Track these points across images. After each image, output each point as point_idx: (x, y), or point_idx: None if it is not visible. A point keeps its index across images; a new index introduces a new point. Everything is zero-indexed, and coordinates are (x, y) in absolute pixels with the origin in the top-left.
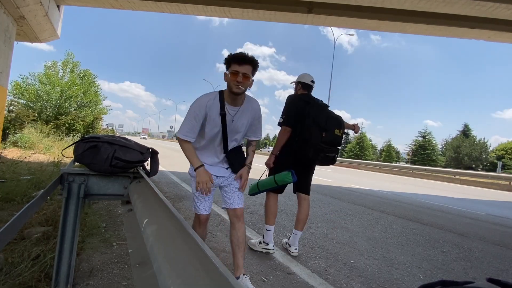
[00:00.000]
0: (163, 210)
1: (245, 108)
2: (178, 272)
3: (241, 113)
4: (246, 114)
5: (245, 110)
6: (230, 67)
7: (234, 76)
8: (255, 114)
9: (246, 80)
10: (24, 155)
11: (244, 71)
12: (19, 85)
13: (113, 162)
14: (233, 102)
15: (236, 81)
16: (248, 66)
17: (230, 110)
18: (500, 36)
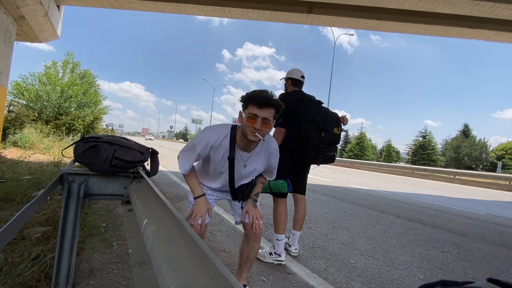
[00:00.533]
0: (163, 210)
1: (258, 153)
2: (178, 272)
3: (254, 157)
4: (260, 158)
5: (258, 155)
6: (247, 108)
7: (251, 121)
8: (271, 158)
9: (267, 127)
10: (24, 155)
11: (264, 115)
12: (19, 85)
13: (113, 162)
14: (246, 147)
15: (254, 128)
16: (271, 109)
17: (241, 156)
18: (500, 36)
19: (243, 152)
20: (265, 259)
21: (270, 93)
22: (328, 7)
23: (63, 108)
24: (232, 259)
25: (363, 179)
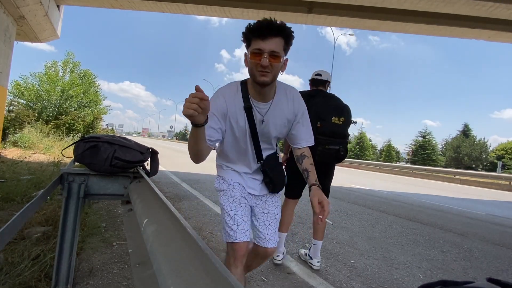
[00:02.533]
0: (163, 210)
1: (279, 101)
2: (178, 272)
3: (273, 109)
4: (281, 109)
5: (279, 105)
6: (250, 45)
7: (256, 58)
8: (295, 108)
9: (275, 61)
10: (24, 155)
11: (271, 47)
12: (19, 85)
13: (113, 162)
14: (260, 96)
15: (261, 66)
16: (278, 39)
17: (258, 108)
18: (500, 36)
19: (260, 103)
20: None
21: (274, 19)
22: (328, 7)
23: (63, 108)
24: None
25: (363, 179)
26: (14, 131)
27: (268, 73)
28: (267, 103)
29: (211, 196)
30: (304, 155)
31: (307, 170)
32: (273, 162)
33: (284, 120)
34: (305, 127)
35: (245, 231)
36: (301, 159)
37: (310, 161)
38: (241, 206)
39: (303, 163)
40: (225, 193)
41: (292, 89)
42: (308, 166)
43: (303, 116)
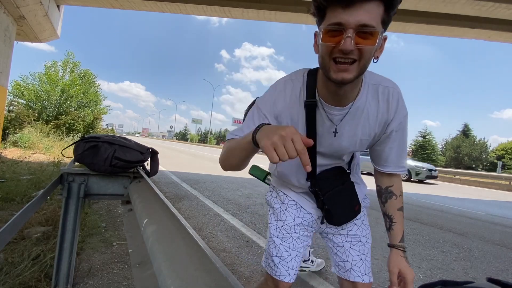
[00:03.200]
0: (163, 210)
1: (364, 105)
2: (178, 272)
3: (353, 117)
4: (366, 118)
5: (364, 111)
6: (324, 18)
7: (333, 38)
8: (389, 115)
9: (367, 42)
10: (24, 155)
11: (359, 19)
12: (19, 84)
13: (113, 162)
14: (335, 98)
15: (339, 51)
16: (372, 3)
17: (330, 114)
18: (500, 36)
19: (333, 108)
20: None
21: None
22: None
23: (63, 108)
24: (232, 259)
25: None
26: (14, 131)
27: (352, 66)
28: (344, 107)
29: (211, 196)
30: (391, 191)
31: (391, 218)
32: (333, 180)
33: (369, 134)
34: (397, 145)
35: (289, 270)
36: (385, 195)
37: (399, 203)
38: (291, 237)
39: (387, 203)
40: (274, 212)
41: (389, 85)
42: (394, 212)
43: (398, 129)
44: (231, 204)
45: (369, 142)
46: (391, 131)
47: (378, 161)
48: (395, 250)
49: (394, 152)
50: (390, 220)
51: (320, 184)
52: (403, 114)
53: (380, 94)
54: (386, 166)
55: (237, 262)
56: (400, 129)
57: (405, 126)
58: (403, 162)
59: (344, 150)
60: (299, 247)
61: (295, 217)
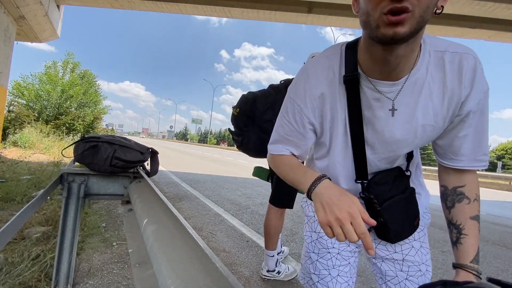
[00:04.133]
0: (163, 210)
1: (425, 77)
2: (178, 272)
3: (410, 93)
4: (429, 95)
5: (425, 84)
6: None
7: None
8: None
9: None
10: (24, 155)
11: None
12: (19, 84)
13: (113, 162)
14: (384, 68)
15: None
16: None
17: (380, 90)
18: (500, 36)
19: (380, 83)
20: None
21: None
22: (328, 7)
23: (63, 108)
24: (232, 259)
25: None
26: (14, 131)
27: (406, 15)
28: (396, 82)
29: (211, 196)
30: (461, 192)
31: (460, 228)
32: (392, 186)
33: (434, 119)
34: (473, 130)
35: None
36: (452, 198)
37: (473, 210)
38: (329, 252)
39: (455, 208)
40: (309, 222)
41: (460, 50)
42: (465, 221)
43: (477, 109)
44: (231, 204)
45: (436, 131)
46: (467, 112)
47: (445, 153)
48: (463, 273)
49: (470, 140)
50: (459, 231)
51: (375, 190)
52: (482, 89)
53: (448, 63)
54: (458, 160)
55: (237, 262)
56: (479, 110)
57: (486, 106)
58: (483, 154)
59: (399, 143)
60: (340, 265)
61: None
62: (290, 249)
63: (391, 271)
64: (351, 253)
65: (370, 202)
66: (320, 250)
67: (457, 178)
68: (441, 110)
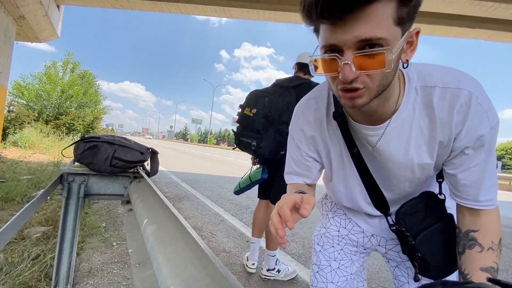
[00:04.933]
0: (163, 210)
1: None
2: (178, 272)
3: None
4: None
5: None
6: (318, 32)
7: (329, 66)
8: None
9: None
10: (24, 155)
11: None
12: (19, 84)
13: (113, 162)
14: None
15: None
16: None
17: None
18: (500, 36)
19: (364, 127)
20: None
21: None
22: None
23: (63, 108)
24: (232, 259)
25: None
26: (14, 131)
27: (361, 91)
28: (379, 126)
29: (211, 196)
30: (472, 237)
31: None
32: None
33: (430, 156)
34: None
35: (327, 283)
36: (463, 243)
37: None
38: (333, 247)
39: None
40: (321, 219)
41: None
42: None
43: (477, 146)
44: (231, 204)
45: (436, 167)
46: (464, 148)
47: (453, 188)
48: None
49: (472, 177)
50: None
51: (406, 221)
52: (482, 124)
53: (438, 100)
54: (462, 198)
55: (237, 262)
56: (480, 147)
57: (489, 143)
58: (486, 195)
59: (399, 179)
60: (342, 259)
61: (341, 227)
62: (290, 249)
63: (403, 277)
64: (356, 253)
65: (403, 235)
66: (325, 243)
67: (471, 220)
68: (433, 148)
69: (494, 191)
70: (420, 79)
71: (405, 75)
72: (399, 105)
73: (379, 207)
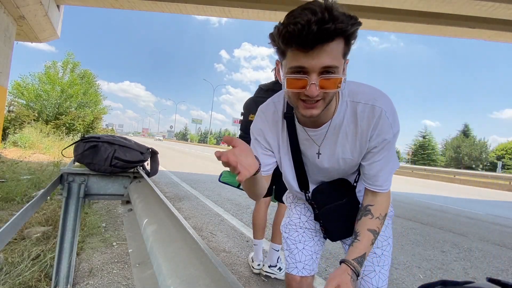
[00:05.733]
0: (163, 210)
1: (342, 124)
2: (178, 272)
3: (331, 135)
4: (344, 138)
5: (342, 130)
6: (285, 56)
7: (297, 84)
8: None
9: (331, 85)
10: (24, 155)
11: (322, 63)
12: (19, 85)
13: (113, 162)
14: (310, 122)
15: (305, 96)
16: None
17: (310, 134)
18: (500, 36)
19: (309, 130)
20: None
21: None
22: None
23: (63, 108)
24: (232, 259)
25: None
26: (14, 131)
27: (318, 103)
28: (320, 128)
29: (211, 196)
30: (369, 209)
31: (357, 234)
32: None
33: (351, 153)
34: (379, 160)
35: (296, 263)
36: (362, 213)
37: (373, 225)
38: (297, 231)
39: (360, 220)
40: (286, 211)
41: (370, 102)
42: (363, 231)
43: (382, 147)
44: (231, 204)
45: (354, 161)
46: (373, 147)
47: (363, 175)
48: (344, 266)
49: (376, 168)
50: (355, 236)
51: (316, 198)
52: (387, 131)
53: (360, 113)
54: (367, 183)
55: (237, 262)
56: (384, 148)
57: (389, 145)
58: (383, 182)
59: (327, 170)
60: (305, 240)
61: (301, 214)
62: None
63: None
64: (316, 232)
65: (313, 207)
66: (290, 230)
67: (371, 198)
68: (354, 147)
69: (388, 180)
70: (350, 95)
71: (339, 92)
72: (334, 114)
73: (301, 186)
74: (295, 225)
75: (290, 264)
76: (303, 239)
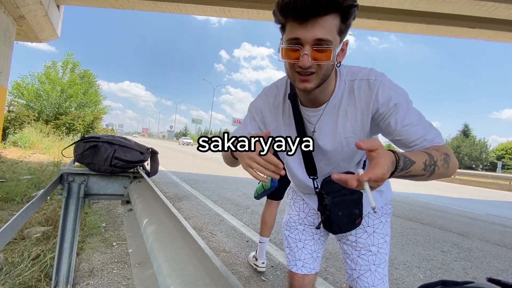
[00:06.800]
0: (163, 210)
1: (340, 103)
2: (178, 272)
3: (328, 117)
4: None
5: (340, 109)
6: (285, 30)
7: (291, 54)
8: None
9: (323, 57)
10: (24, 155)
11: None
12: (19, 85)
13: (113, 162)
14: (309, 100)
15: (299, 67)
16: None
17: (308, 115)
18: (500, 36)
19: (308, 109)
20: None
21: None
22: None
23: (63, 108)
24: (232, 259)
25: None
26: (14, 131)
27: (312, 76)
28: (318, 108)
29: (211, 196)
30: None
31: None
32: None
33: (353, 131)
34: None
35: (296, 261)
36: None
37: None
38: (297, 229)
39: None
40: (287, 207)
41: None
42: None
43: (396, 111)
44: (231, 204)
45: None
46: (385, 117)
47: (405, 148)
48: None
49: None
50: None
51: (327, 187)
52: (392, 96)
53: (356, 89)
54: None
55: (237, 262)
56: (399, 111)
57: (404, 105)
58: (429, 133)
59: (331, 152)
60: (306, 239)
61: (300, 211)
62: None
63: (348, 250)
64: (316, 230)
65: (322, 196)
66: (291, 228)
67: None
68: (356, 124)
69: (434, 131)
70: (347, 75)
71: (337, 72)
72: (333, 93)
73: (310, 172)
74: (295, 222)
75: (291, 261)
76: (303, 237)
